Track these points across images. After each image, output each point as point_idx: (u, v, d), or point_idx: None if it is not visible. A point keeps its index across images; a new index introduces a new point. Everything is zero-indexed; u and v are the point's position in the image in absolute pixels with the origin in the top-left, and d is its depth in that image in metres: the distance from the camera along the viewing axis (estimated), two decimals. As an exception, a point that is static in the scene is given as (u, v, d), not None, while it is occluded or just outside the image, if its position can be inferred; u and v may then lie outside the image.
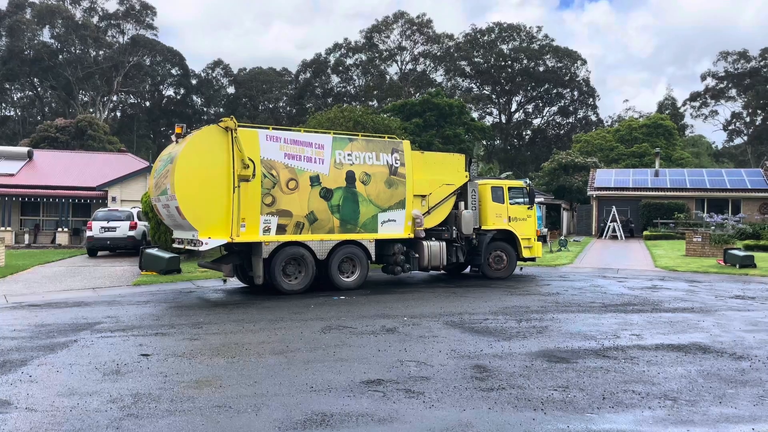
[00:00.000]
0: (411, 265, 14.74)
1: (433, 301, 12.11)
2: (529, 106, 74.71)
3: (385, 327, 9.28)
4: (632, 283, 15.22)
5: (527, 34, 71.87)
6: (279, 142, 12.89)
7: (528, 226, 16.51)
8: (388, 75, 73.64)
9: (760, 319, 10.16)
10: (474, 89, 73.74)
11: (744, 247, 22.37)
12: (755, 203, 34.15)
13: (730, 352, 7.72)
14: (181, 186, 11.87)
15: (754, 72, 67.05)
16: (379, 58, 73.16)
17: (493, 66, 70.88)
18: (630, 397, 5.91)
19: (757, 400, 5.83)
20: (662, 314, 10.58)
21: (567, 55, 70.68)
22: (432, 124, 46.23)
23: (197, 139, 12.27)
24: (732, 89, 69.83)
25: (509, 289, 14.06)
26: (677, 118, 69.98)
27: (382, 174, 14.14)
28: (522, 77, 70.79)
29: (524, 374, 6.69)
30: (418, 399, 5.85)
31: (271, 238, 12.69)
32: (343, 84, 74.99)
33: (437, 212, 15.28)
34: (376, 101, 69.40)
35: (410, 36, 71.99)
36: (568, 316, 10.30)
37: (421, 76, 72.65)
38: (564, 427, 5.16)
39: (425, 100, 47.85)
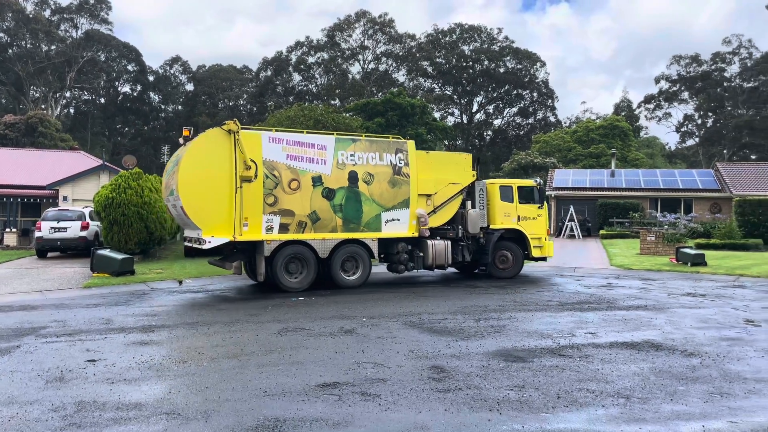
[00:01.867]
0: (415, 263, 14.86)
1: (394, 301, 12.05)
2: (490, 106, 75.52)
3: (344, 328, 9.17)
4: (588, 282, 15.47)
5: (488, 36, 72.65)
6: (281, 143, 13.28)
7: (538, 226, 16.38)
8: (351, 74, 73.43)
9: (710, 316, 10.43)
10: (436, 89, 74.12)
11: (695, 246, 23.04)
12: (706, 203, 35.23)
13: (681, 350, 7.88)
14: (185, 187, 12.38)
15: (706, 75, 69.24)
16: (341, 57, 72.88)
17: (454, 67, 71.39)
18: (584, 396, 5.95)
19: (707, 397, 5.94)
20: (617, 312, 10.76)
21: (527, 57, 71.71)
22: (394, 123, 46.27)
23: (200, 141, 12.77)
24: (684, 92, 71.96)
25: (469, 288, 14.11)
26: (633, 119, 71.75)
27: (385, 174, 14.35)
28: (483, 78, 71.50)
29: (481, 374, 6.67)
30: (374, 401, 5.77)
31: (273, 237, 13.06)
32: (305, 82, 74.43)
33: (443, 211, 15.34)
34: (338, 100, 69.10)
35: (372, 35, 71.92)
36: (525, 315, 10.37)
37: (384, 75, 72.66)
38: (519, 427, 5.15)
39: (387, 99, 47.88)
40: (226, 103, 78.45)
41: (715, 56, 69.03)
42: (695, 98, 70.76)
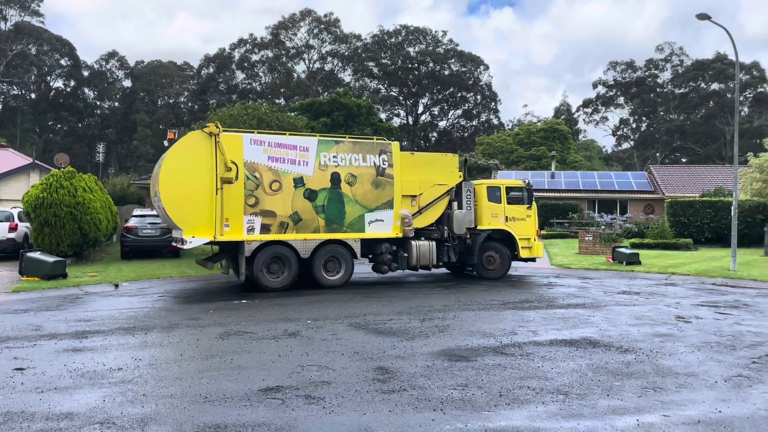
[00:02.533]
0: (399, 264, 14.92)
1: (340, 302, 11.98)
2: (435, 108, 76.34)
3: (288, 331, 9.05)
4: (530, 281, 15.82)
5: (433, 38, 73.41)
6: (263, 145, 13.46)
7: (527, 226, 16.31)
8: (296, 73, 72.77)
9: (644, 313, 10.84)
10: (382, 90, 74.35)
11: (630, 246, 23.95)
12: (640, 204, 36.69)
13: (617, 346, 8.15)
14: (165, 189, 12.67)
15: (640, 81, 72.13)
16: (286, 56, 72.10)
17: (400, 68, 71.80)
18: (525, 394, 6.06)
19: (641, 392, 6.15)
20: (556, 311, 11.04)
21: (471, 60, 72.87)
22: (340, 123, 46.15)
23: (181, 144, 12.99)
24: (620, 97, 74.71)
25: (413, 288, 14.19)
26: (572, 123, 74.00)
27: (368, 175, 14.42)
28: (428, 80, 72.20)
29: (425, 374, 6.70)
30: (318, 405, 5.70)
31: (253, 237, 13.26)
32: (248, 80, 73.23)
33: (429, 212, 15.33)
34: (283, 99, 68.34)
35: (318, 35, 71.48)
36: (469, 315, 10.50)
37: (329, 75, 72.36)
38: (462, 426, 5.19)
39: (333, 99, 47.71)
40: (166, 101, 76.34)
41: (649, 63, 72.00)
42: (630, 103, 73.58)
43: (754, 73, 64.92)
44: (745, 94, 64.79)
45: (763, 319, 10.32)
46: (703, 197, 30.25)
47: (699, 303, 12.07)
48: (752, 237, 26.09)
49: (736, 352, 7.83)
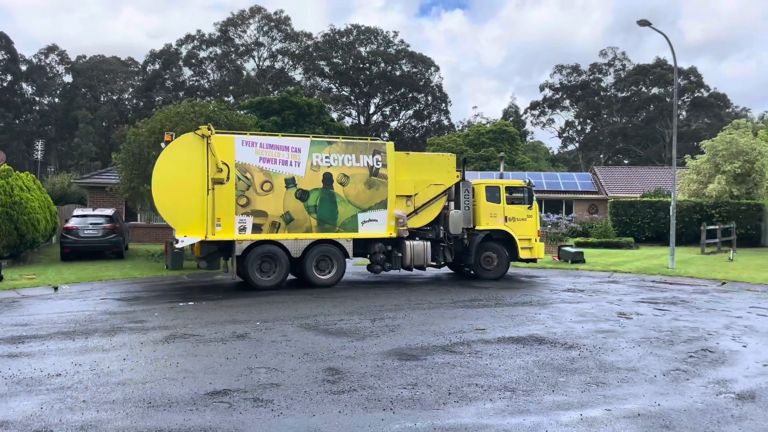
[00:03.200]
0: (392, 263, 14.92)
1: (289, 303, 11.86)
2: (387, 108, 76.54)
3: (236, 333, 8.90)
4: (477, 279, 16.05)
5: (384, 39, 73.58)
6: (255, 146, 13.72)
7: (528, 227, 16.07)
8: (245, 71, 71.61)
9: (588, 310, 11.16)
10: (333, 90, 74.03)
11: (575, 244, 24.63)
12: (585, 204, 37.77)
13: (562, 342, 8.35)
14: (158, 188, 13.08)
15: (585, 85, 74.22)
16: (235, 53, 70.88)
17: (351, 68, 71.66)
18: (473, 391, 6.14)
19: (585, 387, 6.32)
20: (504, 309, 11.24)
21: (421, 61, 73.39)
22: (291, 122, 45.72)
23: (174, 146, 13.30)
24: (566, 100, 76.66)
25: (365, 289, 14.19)
26: (520, 124, 75.50)
27: (361, 175, 14.49)
28: (380, 80, 72.33)
29: (376, 374, 6.71)
30: (266, 407, 5.62)
31: (244, 237, 13.50)
32: (196, 77, 71.63)
33: (425, 212, 15.27)
34: (232, 97, 67.20)
35: (268, 32, 70.56)
36: (419, 314, 10.57)
37: (280, 73, 71.56)
38: (411, 425, 5.22)
39: (284, 98, 47.22)
40: (109, 97, 73.92)
41: (593, 67, 74.16)
42: (575, 106, 75.62)
43: (691, 79, 67.76)
44: (684, 99, 67.57)
45: (699, 314, 10.78)
46: (644, 198, 31.40)
47: (640, 300, 12.51)
48: (689, 236, 27.24)
49: (674, 347, 8.15)
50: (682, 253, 22.63)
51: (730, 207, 27.88)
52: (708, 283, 15.54)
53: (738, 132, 30.67)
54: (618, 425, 5.24)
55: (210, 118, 19.48)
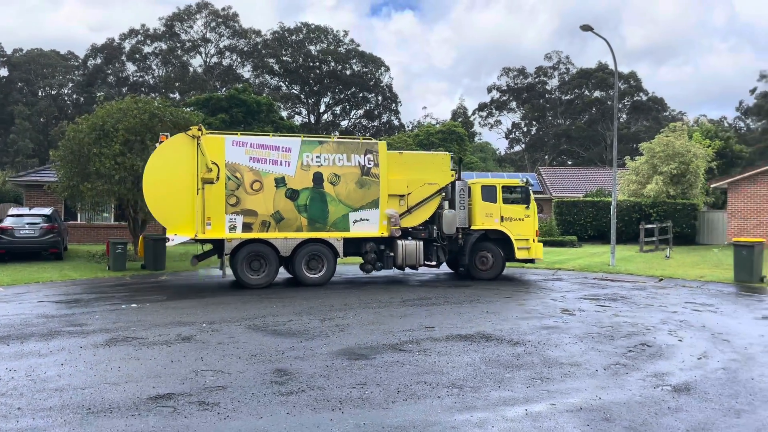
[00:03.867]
0: (384, 263, 14.90)
1: (237, 304, 11.68)
2: (337, 108, 76.30)
3: (181, 335, 8.69)
4: (427, 279, 16.20)
5: (335, 38, 73.32)
6: (245, 146, 13.92)
7: (525, 227, 15.78)
8: (192, 67, 69.98)
9: (533, 307, 11.42)
10: (283, 88, 73.26)
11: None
12: (531, 203, 38.61)
13: (508, 339, 8.52)
14: (149, 189, 13.39)
15: (530, 87, 75.97)
16: (181, 49, 69.18)
17: (301, 66, 71.09)
18: (422, 389, 6.19)
19: (530, 383, 6.47)
20: (452, 307, 11.38)
21: (372, 61, 73.50)
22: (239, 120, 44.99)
23: (165, 146, 13.59)
24: (513, 102, 78.26)
25: (312, 289, 14.11)
26: (468, 125, 76.57)
27: (353, 175, 14.53)
28: (330, 79, 72.02)
29: (324, 374, 6.68)
30: (212, 411, 5.52)
31: (234, 235, 13.73)
32: (140, 73, 69.58)
33: (419, 212, 15.17)
34: (177, 94, 65.61)
35: (215, 28, 69.17)
36: (369, 313, 10.59)
37: (228, 70, 70.28)
38: (360, 424, 5.22)
39: (232, 95, 46.41)
40: (48, 92, 70.97)
41: (539, 70, 75.96)
42: (522, 108, 77.27)
43: (631, 83, 70.29)
44: (624, 102, 70.00)
45: (638, 310, 11.20)
46: (586, 197, 32.38)
47: (582, 296, 12.89)
48: (629, 234, 28.24)
49: (614, 342, 8.43)
50: (623, 251, 23.45)
51: (667, 206, 29.05)
52: (646, 279, 16.16)
53: (674, 135, 32.00)
54: (561, 419, 5.38)
55: (154, 115, 18.97)
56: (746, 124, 72.52)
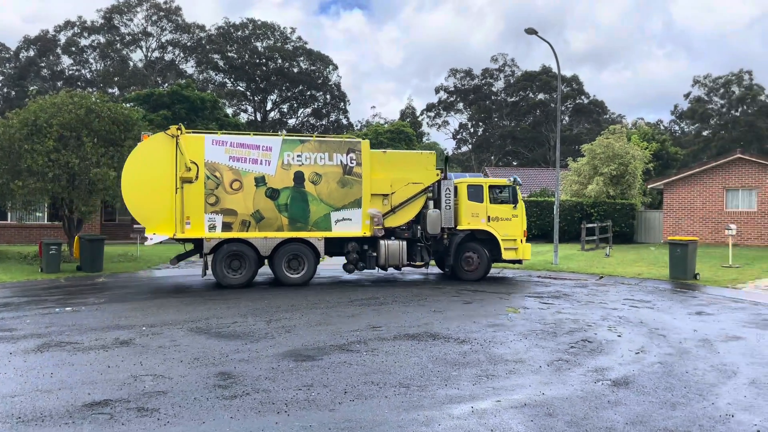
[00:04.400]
0: (367, 263, 14.79)
1: (179, 306, 11.34)
2: (285, 105, 75.45)
3: (119, 339, 8.36)
4: (376, 278, 16.19)
5: (282, 35, 72.47)
6: (225, 145, 13.91)
7: (512, 227, 15.59)
8: (132, 61, 67.78)
9: (479, 306, 11.57)
10: (228, 84, 71.91)
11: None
12: (477, 203, 39.18)
13: (455, 337, 8.59)
14: (127, 188, 13.48)
15: (477, 89, 77.17)
16: (120, 42, 66.89)
17: (247, 62, 69.93)
18: (369, 389, 6.15)
19: (476, 380, 6.52)
20: (400, 306, 11.39)
21: (320, 59, 73.03)
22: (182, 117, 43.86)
23: (143, 146, 13.74)
24: (460, 103, 79.31)
25: (260, 290, 13.87)
26: (416, 125, 77.13)
27: (334, 174, 14.44)
28: (277, 76, 71.15)
29: (270, 377, 6.55)
30: (152, 417, 5.31)
31: (213, 235, 13.75)
32: (76, 67, 66.89)
33: (403, 211, 15.01)
34: (117, 89, 63.43)
35: (157, 22, 67.21)
36: (316, 313, 10.47)
37: (170, 65, 68.42)
38: (306, 426, 5.14)
39: (174, 91, 45.22)
40: (-24, 85, 67.35)
41: (485, 72, 77.24)
42: (469, 109, 78.41)
43: (573, 86, 72.37)
44: (567, 105, 72.03)
45: (580, 307, 11.50)
46: (531, 197, 33.11)
47: (526, 294, 13.15)
48: (571, 233, 29.04)
49: (557, 338, 8.61)
50: (565, 250, 24.08)
51: (607, 206, 30.02)
52: (588, 277, 16.63)
53: (614, 137, 33.12)
54: (506, 415, 5.44)
55: (91, 110, 18.26)
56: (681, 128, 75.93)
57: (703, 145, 69.07)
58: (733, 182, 27.40)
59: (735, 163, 27.41)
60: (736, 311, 11.15)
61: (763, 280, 15.10)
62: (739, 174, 27.28)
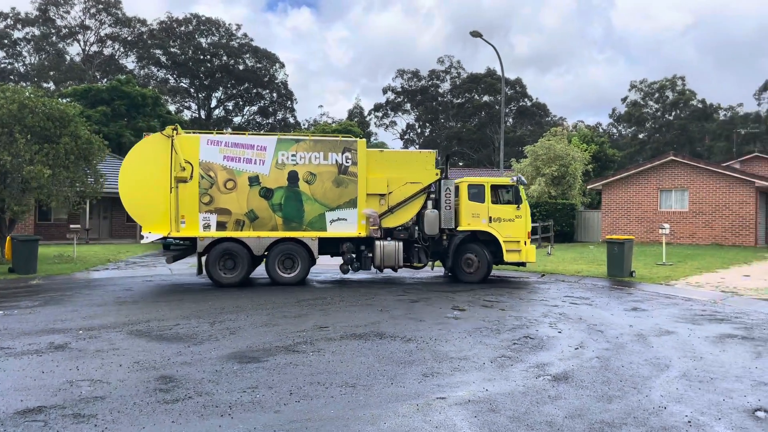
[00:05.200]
0: (362, 264, 14.67)
1: (120, 308, 10.98)
2: (230, 103, 74.20)
3: (54, 344, 8.04)
4: (323, 278, 16.13)
5: (227, 31, 71.21)
6: (219, 145, 14.06)
7: (515, 228, 15.09)
8: (69, 55, 65.24)
9: (425, 305, 11.69)
10: (171, 81, 70.13)
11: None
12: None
13: (401, 336, 8.65)
14: (123, 186, 13.81)
15: (424, 90, 77.94)
16: (57, 35, 64.27)
17: (191, 59, 68.38)
18: (315, 389, 6.13)
19: (421, 378, 6.60)
20: (348, 306, 11.39)
21: (266, 57, 72.15)
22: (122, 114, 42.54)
23: (140, 146, 14.11)
24: (407, 103, 79.95)
25: (204, 291, 13.60)
26: (364, 125, 77.23)
27: (329, 173, 14.37)
28: (222, 73, 69.87)
29: (213, 379, 6.43)
30: (88, 423, 5.14)
31: (207, 234, 13.91)
32: (9, 60, 63.82)
33: (401, 212, 14.83)
34: (52, 83, 60.87)
35: (95, 15, 64.86)
36: (262, 315, 10.35)
37: (109, 60, 66.16)
38: (251, 428, 5.08)
39: (114, 87, 43.77)
40: None
41: (432, 73, 78.11)
42: (416, 110, 79.12)
43: (517, 89, 74.08)
44: (510, 107, 73.65)
45: (522, 305, 11.79)
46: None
47: (470, 292, 13.36)
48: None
49: (500, 336, 8.80)
50: (509, 249, 24.57)
51: (549, 206, 30.87)
52: (530, 275, 17.06)
53: (555, 139, 34.11)
54: (450, 412, 5.53)
55: (24, 105, 17.46)
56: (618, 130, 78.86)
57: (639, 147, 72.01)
58: (666, 183, 28.65)
59: (668, 164, 28.67)
60: (669, 307, 11.67)
61: (694, 276, 15.86)
62: (672, 175, 28.54)
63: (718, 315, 10.75)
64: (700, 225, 27.63)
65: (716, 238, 27.24)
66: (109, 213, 33.24)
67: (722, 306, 11.80)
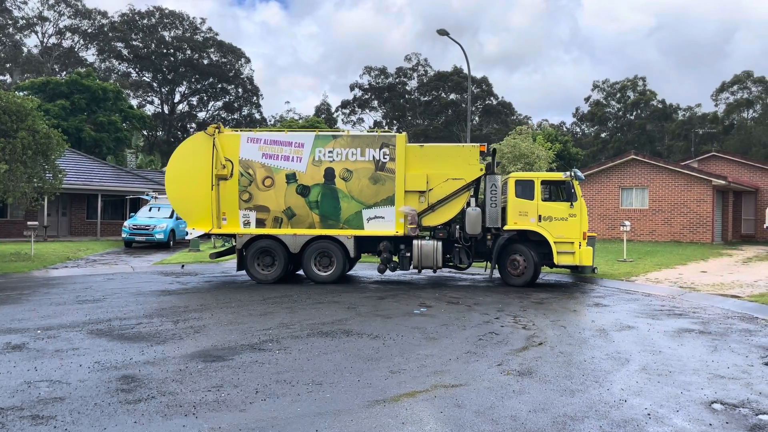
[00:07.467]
0: (400, 264, 14.27)
1: (79, 307, 10.71)
2: (194, 98, 72.95)
3: (11, 344, 7.80)
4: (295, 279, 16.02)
5: (191, 25, 69.95)
6: (259, 143, 14.24)
7: (569, 227, 13.78)
8: (26, 47, 63.22)
9: (391, 303, 11.74)
10: (133, 75, 68.61)
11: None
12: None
13: (368, 333, 8.67)
14: (170, 186, 14.49)
15: (392, 87, 77.97)
16: (13, 26, 62.17)
17: (154, 52, 66.99)
18: (281, 388, 6.09)
19: (388, 375, 6.62)
20: (314, 304, 11.35)
21: (231, 52, 71.16)
22: (82, 108, 41.46)
23: (184, 145, 14.72)
24: (375, 100, 79.87)
25: (169, 291, 13.38)
26: (332, 122, 76.92)
27: (366, 170, 14.09)
28: (186, 68, 68.62)
29: (177, 379, 6.34)
30: (47, 425, 5.01)
31: (245, 231, 14.15)
32: (-38, 51, 61.57)
33: (443, 209, 14.15)
34: (8, 76, 58.93)
35: (54, 6, 62.99)
36: (227, 313, 10.24)
37: (69, 53, 64.34)
38: (216, 427, 5.02)
39: (73, 80, 42.62)
40: None
41: (399, 71, 78.18)
42: (383, 107, 79.15)
43: (483, 87, 74.72)
44: (477, 105, 74.26)
45: (487, 302, 11.91)
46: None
47: (435, 290, 13.47)
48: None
49: (466, 332, 8.89)
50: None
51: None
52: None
53: (520, 137, 34.54)
54: (417, 408, 5.56)
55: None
56: (581, 129, 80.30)
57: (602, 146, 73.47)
58: (627, 181, 29.31)
59: (629, 163, 29.34)
60: (630, 302, 11.96)
61: (653, 273, 16.27)
62: (633, 174, 29.22)
63: (677, 310, 11.06)
64: (659, 222, 28.36)
65: (675, 235, 27.99)
66: (68, 209, 32.37)
67: (680, 301, 12.14)
